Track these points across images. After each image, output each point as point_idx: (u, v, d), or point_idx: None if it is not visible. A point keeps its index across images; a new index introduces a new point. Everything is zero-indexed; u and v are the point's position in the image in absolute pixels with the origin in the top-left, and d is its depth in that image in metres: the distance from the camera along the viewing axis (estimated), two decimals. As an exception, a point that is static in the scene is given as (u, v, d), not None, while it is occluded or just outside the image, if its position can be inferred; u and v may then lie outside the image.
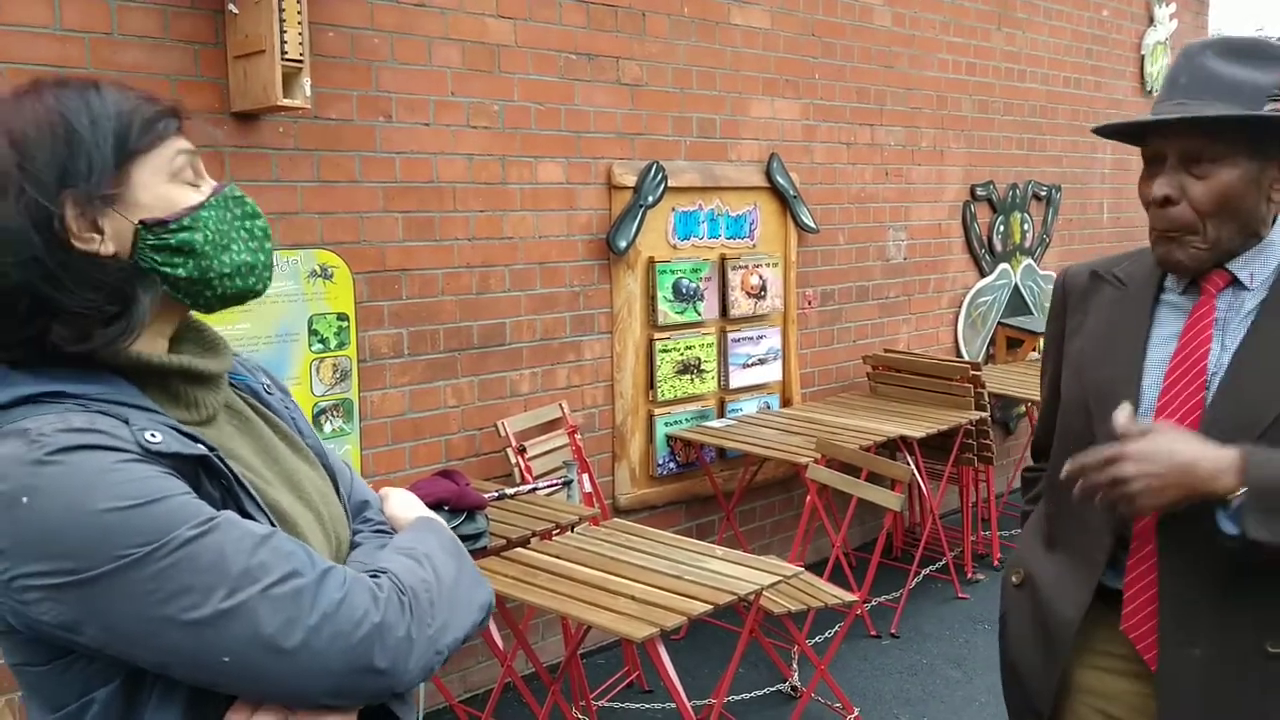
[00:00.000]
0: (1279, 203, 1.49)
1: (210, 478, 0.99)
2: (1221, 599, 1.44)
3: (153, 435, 0.95)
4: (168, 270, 1.00)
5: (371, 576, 1.01)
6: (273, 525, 1.00)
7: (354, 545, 1.15)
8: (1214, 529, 1.38)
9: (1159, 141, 1.49)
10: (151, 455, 0.93)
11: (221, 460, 1.00)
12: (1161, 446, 1.37)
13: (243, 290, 1.07)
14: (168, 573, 0.89)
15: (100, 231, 0.98)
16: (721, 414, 4.57)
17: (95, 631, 0.90)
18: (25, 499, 0.88)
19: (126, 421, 0.95)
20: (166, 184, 1.02)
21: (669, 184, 4.19)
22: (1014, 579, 1.71)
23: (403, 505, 1.24)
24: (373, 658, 0.95)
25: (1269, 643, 1.43)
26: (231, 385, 1.15)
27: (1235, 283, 1.51)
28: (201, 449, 0.98)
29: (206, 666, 0.91)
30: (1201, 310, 1.52)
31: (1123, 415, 1.41)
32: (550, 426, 3.91)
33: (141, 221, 1.00)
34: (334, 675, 0.94)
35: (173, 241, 1.01)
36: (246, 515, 0.98)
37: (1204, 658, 1.45)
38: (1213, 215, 1.46)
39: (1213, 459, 1.36)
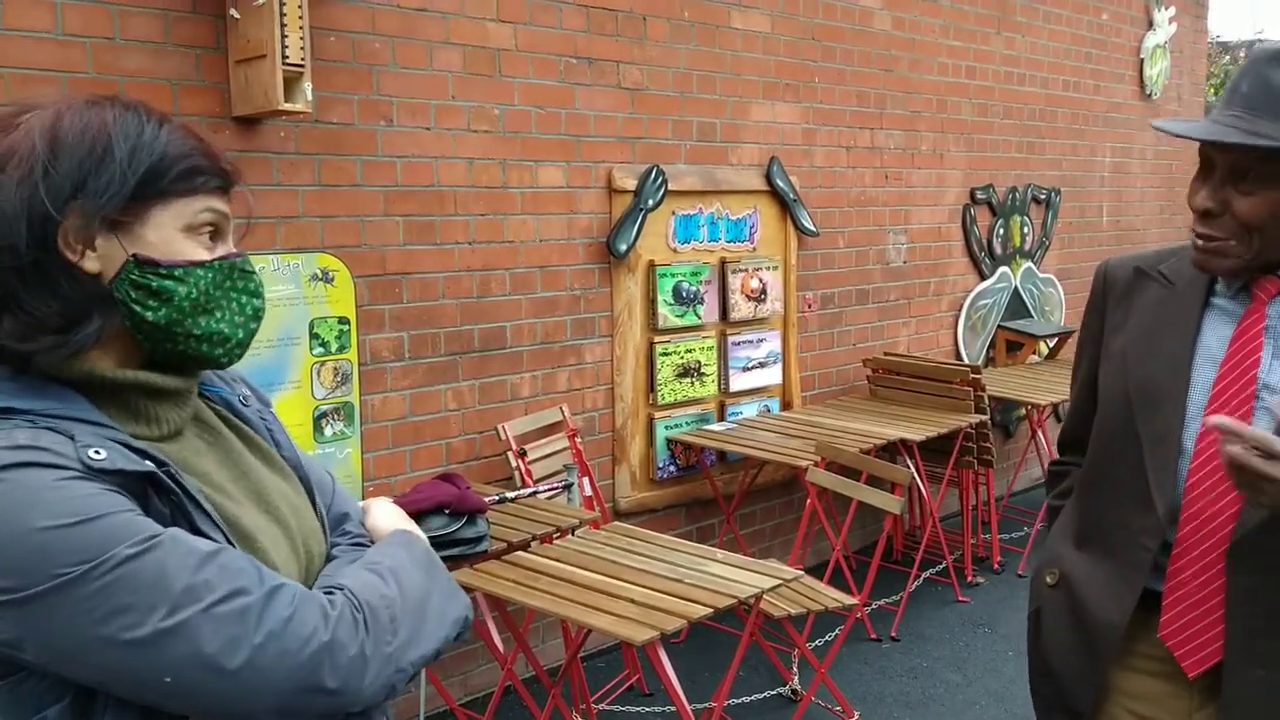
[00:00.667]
0: None
1: (159, 494, 0.98)
2: None
3: (96, 452, 0.94)
4: (137, 308, 1.00)
5: (326, 593, 1.00)
6: (229, 541, 0.99)
7: (332, 558, 1.14)
8: None
9: (1211, 150, 1.48)
10: (94, 472, 0.93)
11: (171, 476, 0.99)
12: None
13: (205, 357, 1.06)
14: (105, 591, 0.88)
15: (93, 249, 0.99)
16: (722, 417, 4.57)
17: (36, 649, 0.90)
18: None
19: (72, 438, 0.94)
20: (179, 233, 1.03)
21: (669, 187, 4.20)
22: (1048, 578, 1.70)
23: (383, 517, 1.23)
24: (321, 677, 0.94)
25: None
26: (205, 398, 1.14)
27: None
28: (148, 465, 0.97)
29: (147, 686, 0.91)
30: (1252, 318, 1.51)
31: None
32: (551, 430, 3.91)
33: (134, 255, 1.00)
34: (280, 695, 0.93)
35: (154, 284, 1.00)
36: (198, 532, 0.97)
37: (1266, 679, 1.46)
38: (1255, 230, 1.45)
39: None
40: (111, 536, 0.90)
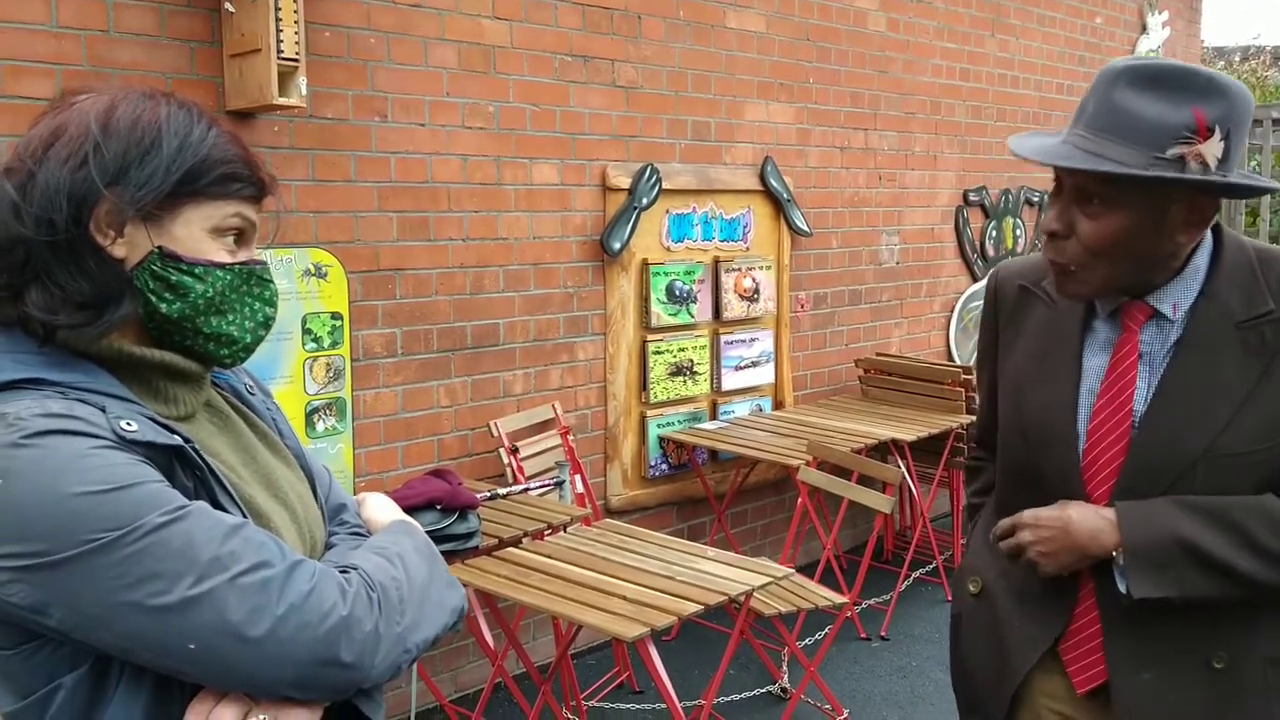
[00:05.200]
0: (1185, 242, 1.42)
1: (184, 468, 1.00)
2: (1164, 623, 1.45)
3: (128, 424, 0.96)
4: (153, 298, 1.02)
5: (341, 572, 1.02)
6: (245, 518, 1.01)
7: (329, 546, 1.17)
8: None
9: (1060, 171, 1.43)
10: (126, 443, 0.95)
11: (196, 452, 1.01)
12: (1050, 512, 1.45)
13: (211, 355, 1.08)
14: (135, 558, 0.90)
15: (121, 235, 1.01)
16: (714, 416, 4.58)
17: (62, 614, 0.91)
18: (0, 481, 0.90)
19: (104, 410, 0.97)
20: (205, 233, 1.05)
21: (663, 186, 4.20)
22: (971, 587, 1.68)
23: (379, 509, 1.25)
24: (339, 650, 0.96)
25: (1214, 659, 1.44)
26: (214, 385, 1.17)
27: (1158, 315, 1.46)
28: (177, 439, 0.99)
29: (171, 652, 0.92)
30: (1125, 348, 1.47)
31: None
32: (543, 427, 3.92)
33: (160, 247, 1.02)
34: (299, 666, 0.95)
35: (173, 278, 1.03)
36: (219, 507, 0.99)
37: (1155, 679, 1.46)
38: (1100, 255, 1.40)
39: (1090, 521, 1.41)
40: (143, 505, 0.92)
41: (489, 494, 3.30)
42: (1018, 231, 6.13)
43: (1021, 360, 1.60)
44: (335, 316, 3.35)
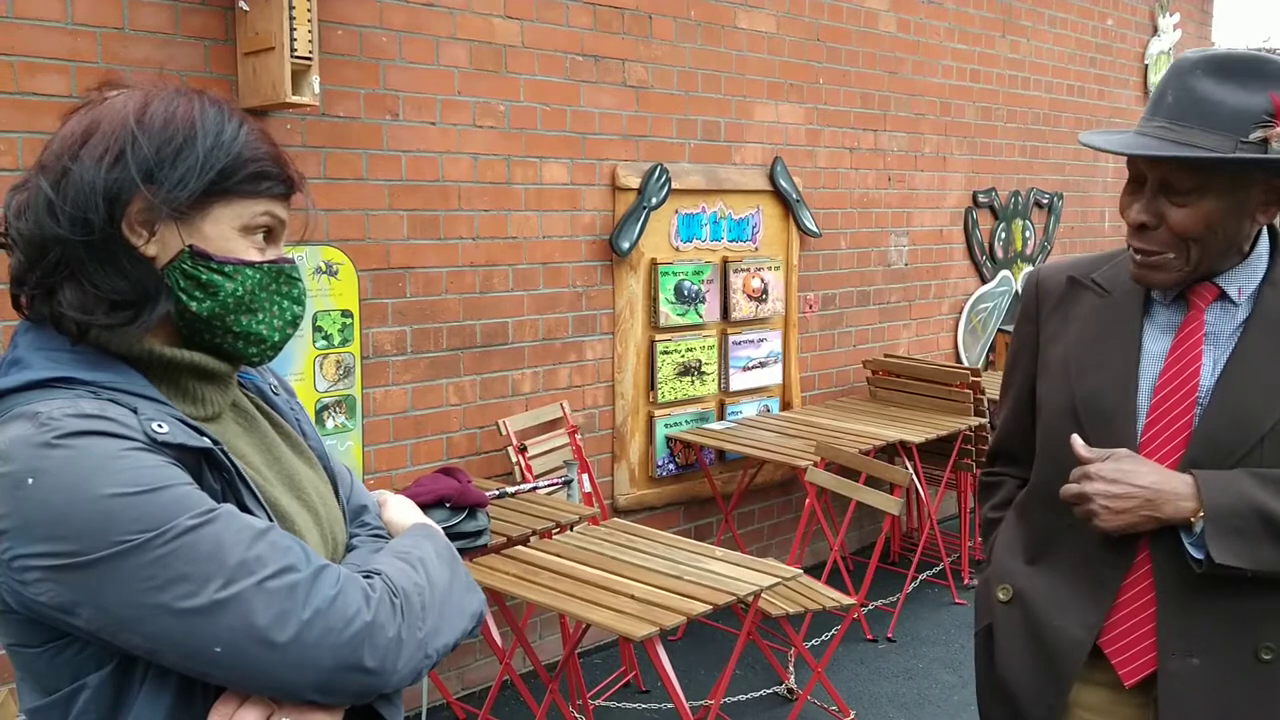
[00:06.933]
0: (1262, 223, 1.48)
1: (213, 470, 1.00)
2: (1216, 609, 1.45)
3: (159, 425, 0.96)
4: (183, 297, 1.02)
5: (365, 577, 1.02)
6: (271, 522, 1.01)
7: (350, 548, 1.17)
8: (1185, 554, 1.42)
9: (1141, 164, 1.46)
10: (157, 445, 0.95)
11: (225, 454, 1.01)
12: (1124, 469, 1.43)
13: (240, 354, 1.08)
14: (165, 560, 0.90)
15: (153, 233, 1.01)
16: (721, 416, 4.58)
17: (90, 614, 0.91)
18: (31, 480, 0.90)
19: (135, 411, 0.97)
20: (235, 231, 1.05)
21: (672, 186, 4.21)
22: (1001, 595, 1.66)
23: (400, 511, 1.25)
24: (362, 656, 0.97)
25: (1262, 650, 1.44)
26: (239, 384, 1.16)
27: (1223, 296, 1.50)
28: (206, 442, 0.99)
29: (198, 655, 0.92)
30: (1191, 326, 1.50)
31: (1079, 444, 1.47)
32: (551, 426, 3.92)
33: (190, 245, 1.02)
34: (323, 671, 0.95)
35: (203, 277, 1.02)
36: (246, 510, 1.00)
37: (1202, 666, 1.45)
38: (1191, 241, 1.45)
39: (1172, 484, 1.41)
40: (174, 508, 0.92)
41: (497, 492, 3.30)
42: (1027, 233, 6.12)
43: (1074, 344, 1.60)
44: (345, 314, 3.36)
